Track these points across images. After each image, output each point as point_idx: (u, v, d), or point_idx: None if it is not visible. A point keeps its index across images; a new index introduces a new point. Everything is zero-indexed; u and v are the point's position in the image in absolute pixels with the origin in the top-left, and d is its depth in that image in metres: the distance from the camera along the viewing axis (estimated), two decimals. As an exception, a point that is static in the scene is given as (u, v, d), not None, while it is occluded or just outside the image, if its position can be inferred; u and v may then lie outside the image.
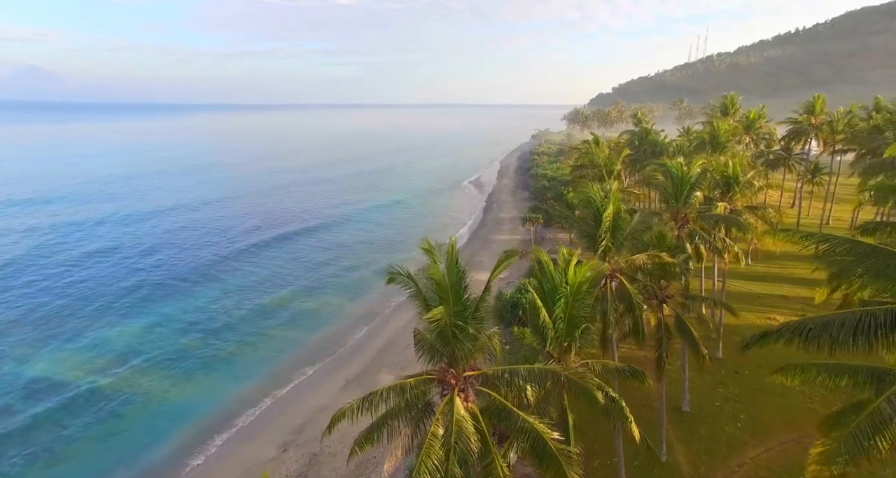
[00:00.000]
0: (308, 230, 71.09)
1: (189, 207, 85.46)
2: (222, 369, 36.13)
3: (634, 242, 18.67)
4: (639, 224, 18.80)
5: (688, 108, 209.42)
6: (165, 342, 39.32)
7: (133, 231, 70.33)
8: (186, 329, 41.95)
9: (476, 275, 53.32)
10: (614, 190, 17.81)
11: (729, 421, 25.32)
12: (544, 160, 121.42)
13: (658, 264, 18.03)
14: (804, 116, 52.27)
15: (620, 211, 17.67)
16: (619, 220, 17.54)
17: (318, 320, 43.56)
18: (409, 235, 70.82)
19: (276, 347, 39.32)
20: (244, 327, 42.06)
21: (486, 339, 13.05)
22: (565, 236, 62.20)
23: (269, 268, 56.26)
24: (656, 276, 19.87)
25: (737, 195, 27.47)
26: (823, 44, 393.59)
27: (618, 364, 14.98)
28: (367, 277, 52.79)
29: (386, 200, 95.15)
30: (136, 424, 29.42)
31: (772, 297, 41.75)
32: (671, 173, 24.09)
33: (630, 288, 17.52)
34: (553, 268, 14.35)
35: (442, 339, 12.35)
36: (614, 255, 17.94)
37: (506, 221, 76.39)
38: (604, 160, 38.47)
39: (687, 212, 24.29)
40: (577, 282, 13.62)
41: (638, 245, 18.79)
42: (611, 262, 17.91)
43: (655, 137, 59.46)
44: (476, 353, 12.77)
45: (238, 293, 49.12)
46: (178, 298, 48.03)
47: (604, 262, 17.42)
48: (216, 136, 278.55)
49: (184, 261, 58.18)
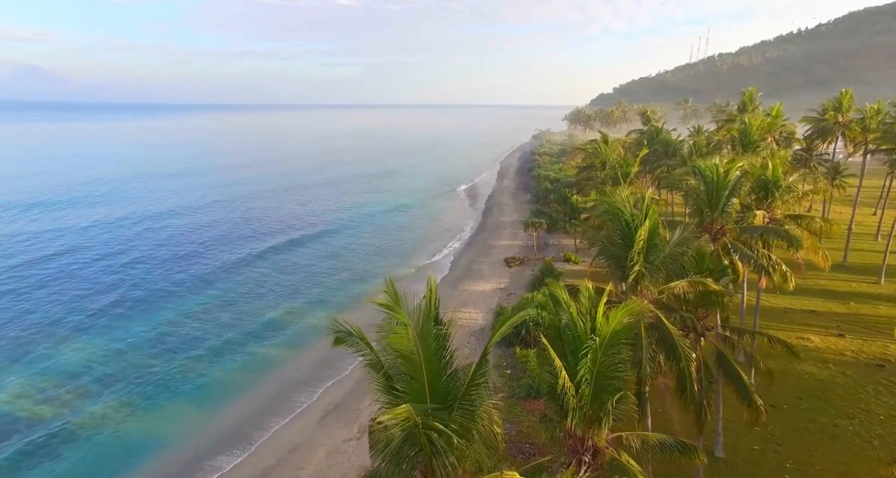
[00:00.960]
0: (301, 240, 65.40)
1: (179, 212, 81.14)
2: (190, 395, 32.11)
3: (673, 266, 14.70)
4: (679, 244, 14.76)
5: (693, 108, 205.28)
6: (127, 361, 35.32)
7: (114, 237, 66.23)
8: (154, 346, 37.97)
9: (475, 285, 49.39)
10: (648, 198, 13.82)
11: (774, 471, 21.32)
12: (546, 161, 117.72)
13: (701, 293, 14.10)
14: (830, 114, 48.23)
15: (658, 227, 13.74)
16: (655, 237, 13.61)
17: (302, 338, 39.46)
18: (405, 242, 66.92)
19: (254, 368, 35.36)
20: (219, 345, 38.03)
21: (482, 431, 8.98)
22: (570, 242, 58.24)
23: (254, 279, 52.10)
24: (693, 304, 15.95)
25: (776, 202, 23.45)
26: (826, 44, 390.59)
27: (661, 437, 11.04)
28: (360, 290, 48.58)
29: (384, 202, 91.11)
30: (78, 466, 25.37)
31: (800, 312, 37.77)
32: (704, 176, 20.12)
33: (671, 328, 13.54)
34: (574, 311, 10.34)
35: (412, 443, 8.30)
36: (649, 283, 14.01)
37: (506, 224, 72.37)
38: (618, 161, 34.39)
39: (723, 223, 20.34)
40: (610, 331, 9.67)
41: (676, 269, 14.79)
42: (644, 292, 14.00)
43: (667, 136, 55.47)
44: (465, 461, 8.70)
45: (217, 306, 45.15)
46: (151, 310, 44.05)
47: (635, 291, 13.46)
48: (216, 136, 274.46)
49: (163, 270, 54.13)
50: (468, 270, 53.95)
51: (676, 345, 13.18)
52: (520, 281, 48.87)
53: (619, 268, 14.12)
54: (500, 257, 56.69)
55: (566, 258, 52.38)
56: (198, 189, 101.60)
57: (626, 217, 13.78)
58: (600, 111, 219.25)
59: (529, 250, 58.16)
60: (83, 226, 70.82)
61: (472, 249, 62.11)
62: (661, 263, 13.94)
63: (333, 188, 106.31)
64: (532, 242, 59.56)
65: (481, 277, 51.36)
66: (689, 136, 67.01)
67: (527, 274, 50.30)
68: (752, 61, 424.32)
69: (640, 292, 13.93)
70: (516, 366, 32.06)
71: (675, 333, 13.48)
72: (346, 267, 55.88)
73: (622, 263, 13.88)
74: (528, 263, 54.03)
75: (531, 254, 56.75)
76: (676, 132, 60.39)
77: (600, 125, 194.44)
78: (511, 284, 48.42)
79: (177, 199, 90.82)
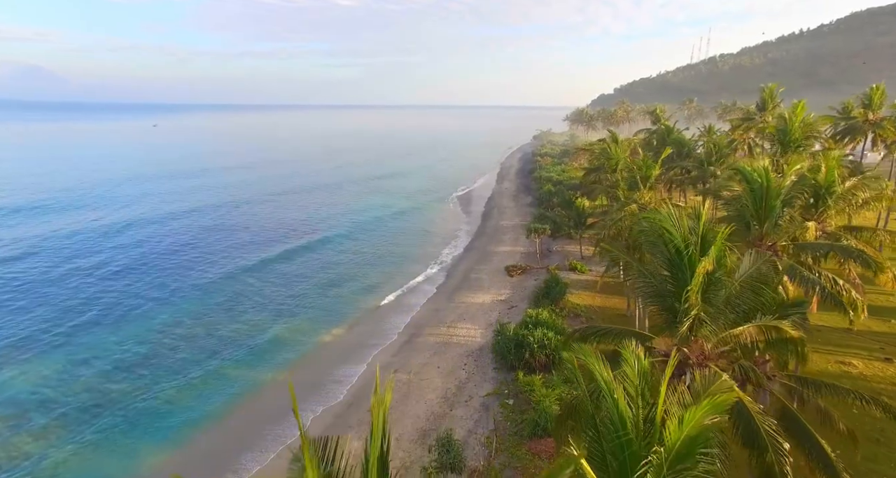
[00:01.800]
0: (296, 249, 60.50)
1: (171, 216, 76.89)
2: (148, 427, 28.28)
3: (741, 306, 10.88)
4: (752, 277, 10.87)
5: (698, 108, 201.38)
6: (81, 385, 31.53)
7: (96, 246, 62.20)
8: (117, 365, 34.21)
9: (473, 297, 45.46)
10: (705, 215, 9.97)
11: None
12: (548, 162, 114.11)
13: (774, 340, 10.34)
14: (859, 111, 44.42)
15: (725, 257, 9.97)
16: (718, 270, 9.84)
17: (281, 361, 35.58)
18: (400, 250, 63.07)
19: (226, 393, 31.57)
20: (188, 365, 34.26)
21: None
22: (575, 249, 54.42)
23: (235, 290, 48.05)
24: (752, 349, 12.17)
25: (830, 211, 19.63)
26: (828, 45, 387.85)
27: None
28: (352, 307, 44.60)
29: (381, 206, 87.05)
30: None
31: (834, 330, 33.86)
32: (751, 181, 16.34)
33: (752, 409, 9.65)
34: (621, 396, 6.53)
35: None
36: (708, 330, 10.24)
37: (507, 229, 68.55)
38: (637, 162, 30.46)
39: (776, 238, 16.56)
40: (683, 438, 5.92)
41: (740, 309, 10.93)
42: (700, 342, 10.26)
43: (680, 135, 51.62)
44: None
45: (191, 320, 41.33)
46: (117, 325, 40.27)
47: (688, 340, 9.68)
48: (215, 136, 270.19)
49: (141, 281, 50.14)
50: (466, 279, 50.15)
51: (759, 431, 9.38)
52: (522, 292, 45.08)
53: (666, 308, 10.40)
54: (501, 265, 52.89)
55: (572, 267, 48.57)
56: (189, 192, 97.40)
57: (678, 243, 9.92)
58: (603, 111, 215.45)
59: (532, 258, 54.36)
60: (64, 234, 66.86)
61: (470, 256, 58.33)
62: (726, 304, 10.22)
63: (332, 191, 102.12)
64: (535, 249, 55.77)
65: (480, 287, 47.56)
66: (700, 135, 63.35)
67: (529, 284, 46.52)
68: (753, 62, 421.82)
69: (695, 342, 10.21)
70: (519, 394, 28.27)
71: (756, 414, 9.65)
72: (337, 279, 51.53)
73: (669, 303, 10.16)
74: (531, 271, 50.24)
75: (534, 262, 52.95)
76: (689, 132, 56.48)
77: (603, 125, 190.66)
78: (512, 296, 44.62)
79: (167, 205, 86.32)
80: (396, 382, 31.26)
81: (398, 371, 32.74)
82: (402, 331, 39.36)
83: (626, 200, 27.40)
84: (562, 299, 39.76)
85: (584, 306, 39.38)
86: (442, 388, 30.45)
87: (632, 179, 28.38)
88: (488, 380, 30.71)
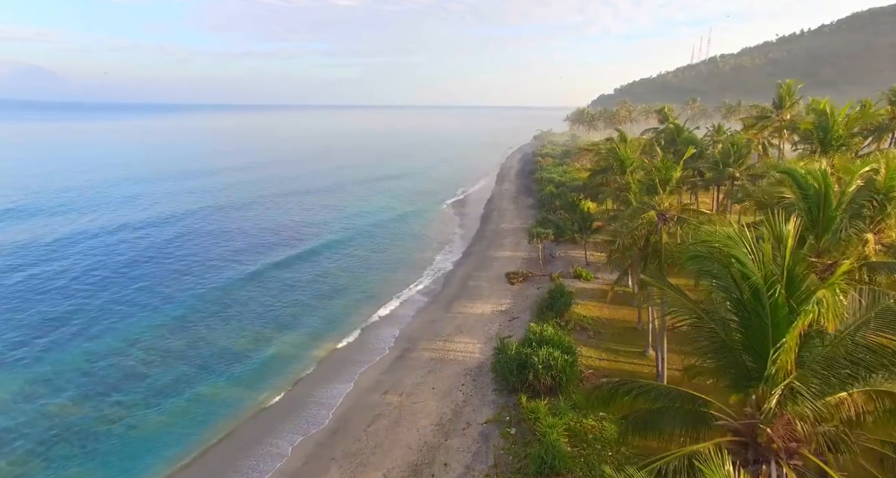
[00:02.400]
0: (291, 257, 56.66)
1: (163, 220, 73.74)
2: (106, 458, 25.33)
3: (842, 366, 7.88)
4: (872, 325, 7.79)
5: (701, 107, 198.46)
6: (35, 408, 28.58)
7: (81, 250, 59.02)
8: (79, 384, 31.29)
9: (472, 307, 42.38)
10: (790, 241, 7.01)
11: None
12: (549, 162, 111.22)
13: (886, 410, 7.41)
14: (887, 109, 41.51)
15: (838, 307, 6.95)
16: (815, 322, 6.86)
17: (263, 382, 32.50)
18: (398, 254, 60.16)
19: (198, 414, 28.63)
20: (165, 389, 31.18)
21: None
22: (579, 254, 51.43)
23: (225, 302, 44.59)
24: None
25: (890, 220, 16.70)
26: (829, 45, 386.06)
27: None
28: (342, 318, 41.52)
29: (381, 208, 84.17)
30: None
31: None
32: (804, 188, 13.42)
33: None
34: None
35: None
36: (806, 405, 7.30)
37: (508, 233, 65.58)
38: (655, 164, 27.43)
39: (837, 256, 13.64)
40: None
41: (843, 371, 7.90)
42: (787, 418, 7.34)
43: (691, 135, 48.66)
44: None
45: (172, 335, 38.26)
46: (88, 338, 37.31)
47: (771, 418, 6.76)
48: (215, 136, 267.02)
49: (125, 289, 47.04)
50: (464, 287, 47.19)
51: None
52: (523, 302, 42.12)
53: (734, 368, 7.38)
54: (501, 272, 49.95)
55: (576, 274, 45.61)
56: (184, 194, 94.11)
57: (756, 280, 6.74)
58: (604, 111, 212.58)
59: (534, 264, 51.38)
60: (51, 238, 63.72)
61: (469, 262, 55.37)
62: (825, 363, 7.23)
63: (332, 193, 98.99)
64: (537, 255, 52.77)
65: (479, 295, 44.60)
66: (709, 135, 60.46)
67: (531, 292, 43.57)
68: (754, 62, 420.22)
69: (781, 418, 7.25)
70: (522, 422, 25.29)
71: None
72: (329, 288, 48.22)
73: (740, 361, 7.17)
74: (533, 279, 47.30)
75: (536, 268, 49.98)
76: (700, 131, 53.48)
77: (604, 126, 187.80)
78: (513, 306, 41.67)
79: (160, 206, 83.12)
80: (386, 406, 28.34)
81: (388, 392, 29.82)
82: (394, 345, 36.42)
83: (640, 205, 24.37)
84: (567, 311, 36.79)
85: (592, 319, 36.44)
86: (437, 412, 27.49)
87: (649, 182, 25.44)
88: (488, 404, 27.75)
